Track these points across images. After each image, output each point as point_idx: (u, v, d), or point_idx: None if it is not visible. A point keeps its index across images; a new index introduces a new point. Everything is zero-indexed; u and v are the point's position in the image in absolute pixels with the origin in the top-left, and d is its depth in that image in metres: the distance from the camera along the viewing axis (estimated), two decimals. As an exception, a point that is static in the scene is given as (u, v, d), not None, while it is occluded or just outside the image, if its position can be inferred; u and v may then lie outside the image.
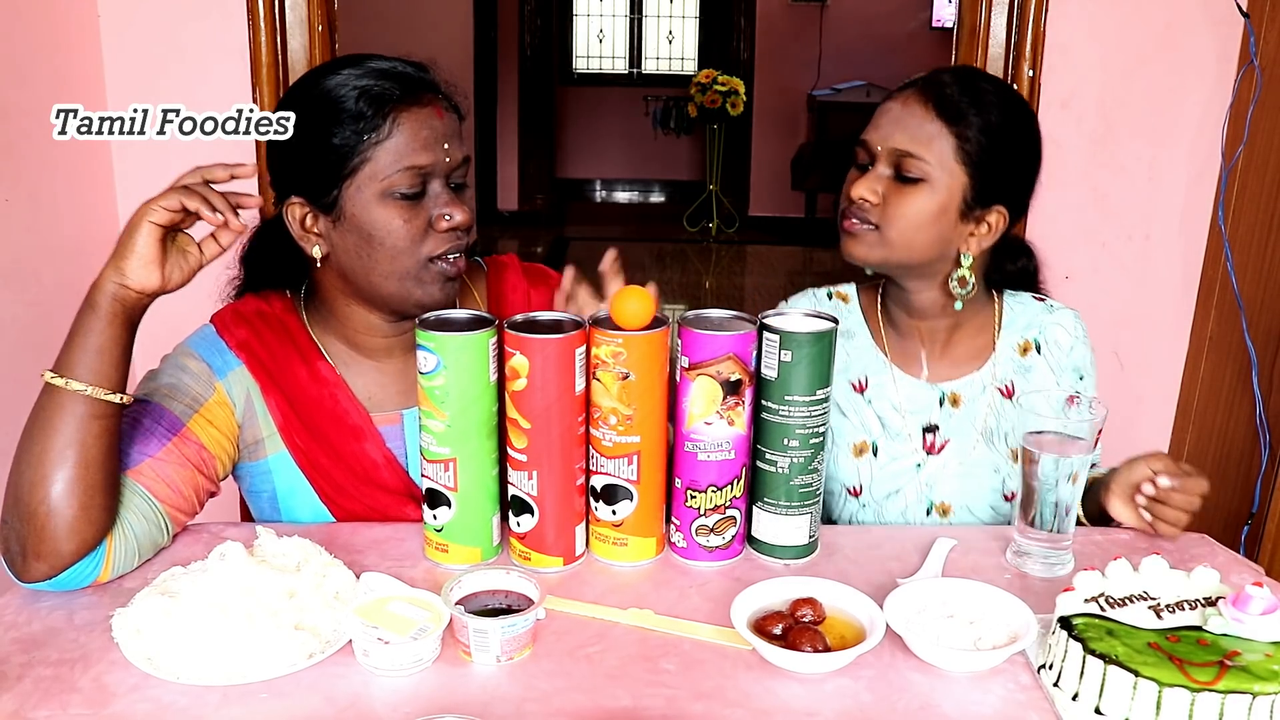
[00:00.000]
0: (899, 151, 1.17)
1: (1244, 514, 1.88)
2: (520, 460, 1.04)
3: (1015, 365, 1.30)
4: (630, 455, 1.04)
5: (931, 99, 1.17)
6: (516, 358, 1.00)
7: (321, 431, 1.16)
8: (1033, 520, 1.10)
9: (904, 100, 1.19)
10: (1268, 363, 1.84)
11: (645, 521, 1.07)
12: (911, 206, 1.18)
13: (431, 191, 1.09)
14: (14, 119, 1.66)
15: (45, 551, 0.96)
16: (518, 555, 1.08)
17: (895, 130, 1.18)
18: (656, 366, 1.02)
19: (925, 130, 1.17)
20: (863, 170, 1.21)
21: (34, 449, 0.97)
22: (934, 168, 1.17)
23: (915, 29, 6.68)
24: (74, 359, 0.99)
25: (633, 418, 1.02)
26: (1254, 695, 0.78)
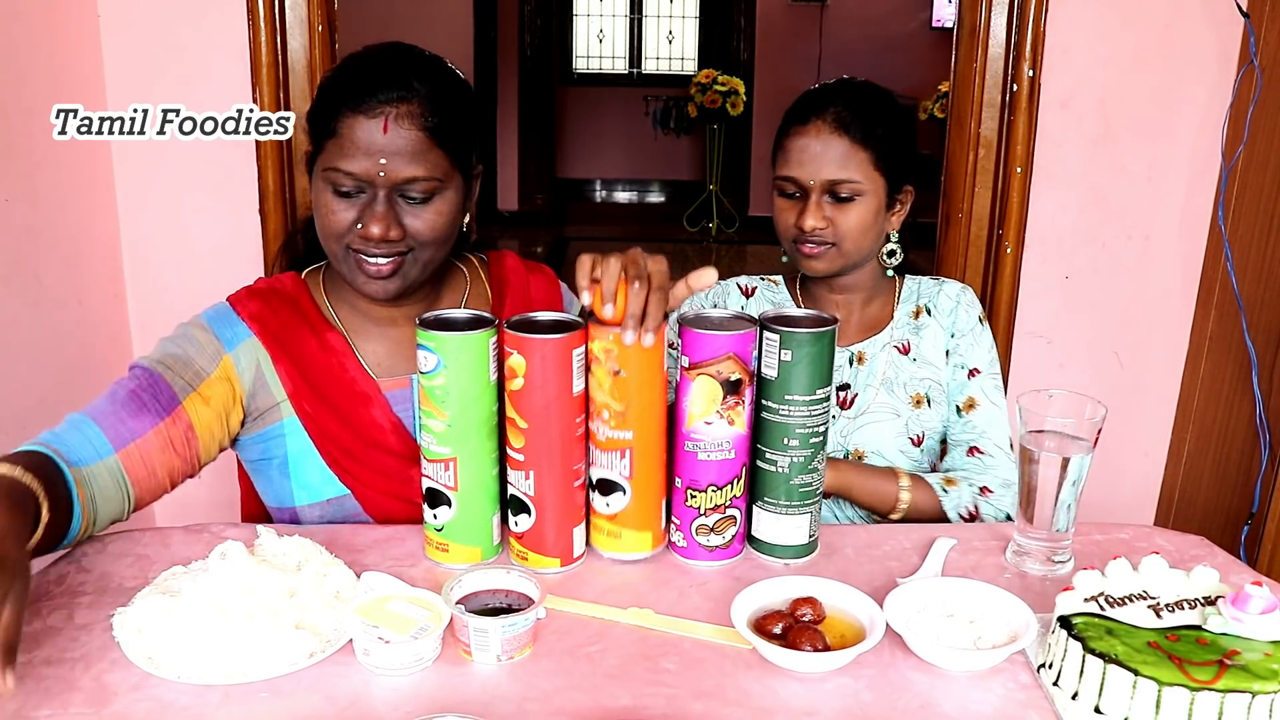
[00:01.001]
0: (832, 181, 1.34)
1: (1244, 514, 1.88)
2: (518, 460, 1.04)
3: (910, 327, 1.47)
4: (622, 450, 1.04)
5: (841, 126, 1.34)
6: (514, 357, 1.00)
7: (330, 398, 1.19)
8: (1033, 520, 1.10)
9: (816, 133, 1.34)
10: (1268, 363, 1.84)
11: (639, 515, 1.07)
12: (856, 219, 1.35)
13: (368, 195, 1.13)
14: (14, 119, 1.66)
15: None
16: (516, 555, 1.08)
17: (821, 164, 1.34)
18: (650, 364, 1.01)
19: (847, 157, 1.34)
20: (792, 199, 1.38)
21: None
22: (863, 183, 1.35)
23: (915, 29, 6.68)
24: None
25: (624, 414, 1.02)
26: (1253, 694, 0.78)
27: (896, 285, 1.50)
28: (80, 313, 1.87)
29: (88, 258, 1.89)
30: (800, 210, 1.35)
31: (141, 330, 2.01)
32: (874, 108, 1.36)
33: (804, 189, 1.35)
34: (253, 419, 1.20)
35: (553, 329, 1.02)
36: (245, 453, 1.23)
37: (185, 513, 2.08)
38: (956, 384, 1.43)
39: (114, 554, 1.08)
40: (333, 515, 1.20)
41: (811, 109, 1.36)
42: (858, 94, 1.37)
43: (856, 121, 1.34)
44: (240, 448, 1.23)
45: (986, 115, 1.98)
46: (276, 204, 1.94)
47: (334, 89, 1.14)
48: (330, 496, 1.20)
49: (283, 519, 1.23)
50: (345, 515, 1.20)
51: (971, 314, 1.46)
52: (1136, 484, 2.19)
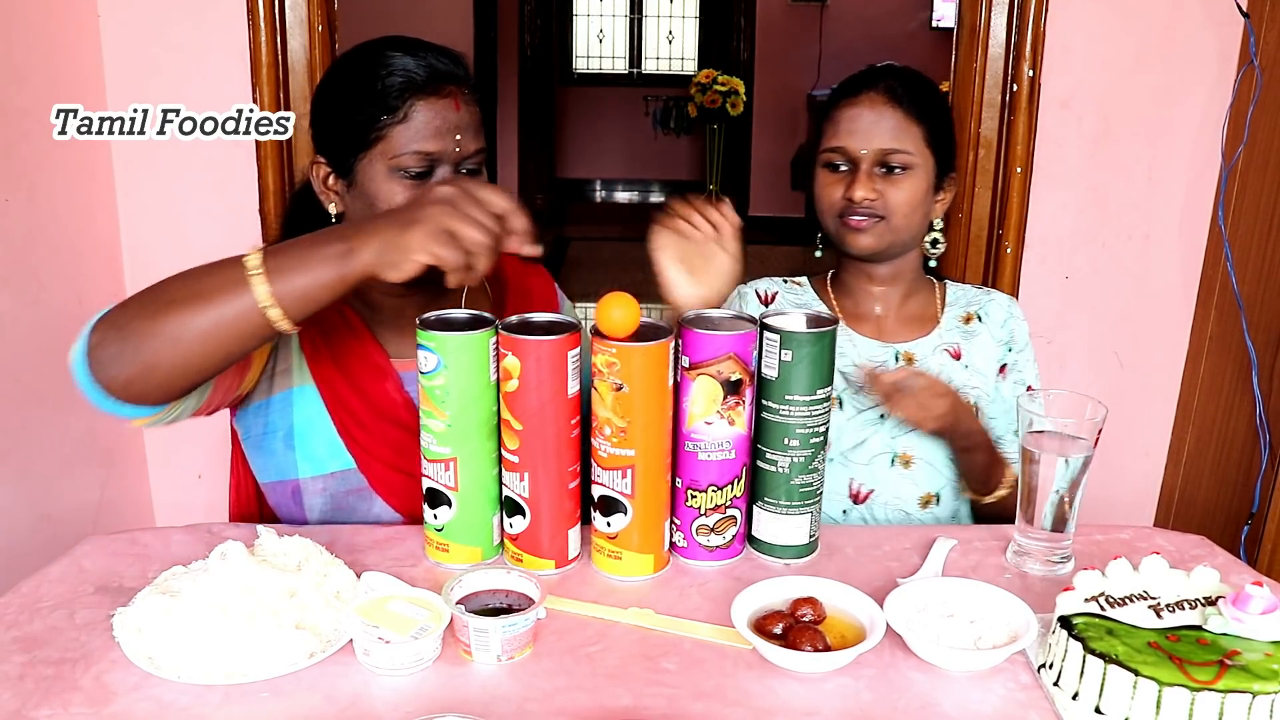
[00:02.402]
0: (885, 150, 1.32)
1: (1244, 514, 1.88)
2: (513, 461, 1.04)
3: (961, 332, 1.44)
4: (624, 469, 1.03)
5: (894, 98, 1.32)
6: (509, 359, 1.00)
7: (348, 368, 1.21)
8: (1033, 520, 1.10)
9: (869, 104, 1.33)
10: (1268, 363, 1.84)
11: (641, 536, 1.05)
12: (907, 193, 1.33)
13: (438, 175, 1.15)
14: (14, 119, 1.66)
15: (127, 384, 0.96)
16: (511, 557, 1.08)
17: (873, 134, 1.32)
18: (654, 380, 1.00)
19: (900, 128, 1.32)
20: (838, 172, 1.35)
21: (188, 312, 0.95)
22: (915, 156, 1.33)
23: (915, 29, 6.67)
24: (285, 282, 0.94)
25: (626, 430, 1.01)
26: (1254, 694, 0.78)
27: (936, 287, 1.48)
28: (80, 313, 1.86)
29: (88, 258, 1.89)
30: (849, 182, 1.32)
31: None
32: (925, 86, 1.36)
33: (853, 160, 1.32)
34: (266, 379, 1.21)
35: (548, 330, 1.02)
36: (249, 423, 1.23)
37: (185, 513, 2.09)
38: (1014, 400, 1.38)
39: (114, 554, 1.08)
40: (335, 489, 1.20)
41: (864, 82, 1.34)
42: (909, 73, 1.37)
43: (910, 95, 1.32)
44: (244, 418, 1.23)
45: (986, 115, 1.98)
46: (276, 204, 1.94)
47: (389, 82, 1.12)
48: (335, 470, 1.20)
49: (282, 495, 1.22)
50: (349, 489, 1.20)
51: (1024, 329, 1.44)
52: (1136, 484, 2.19)
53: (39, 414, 1.73)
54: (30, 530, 1.70)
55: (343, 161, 1.17)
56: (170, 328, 0.95)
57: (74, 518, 1.84)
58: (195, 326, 0.95)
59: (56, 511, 1.79)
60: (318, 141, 1.21)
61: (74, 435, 1.85)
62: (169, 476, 2.12)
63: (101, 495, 1.94)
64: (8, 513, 1.66)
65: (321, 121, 1.20)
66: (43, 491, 1.76)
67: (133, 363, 0.96)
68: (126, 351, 0.96)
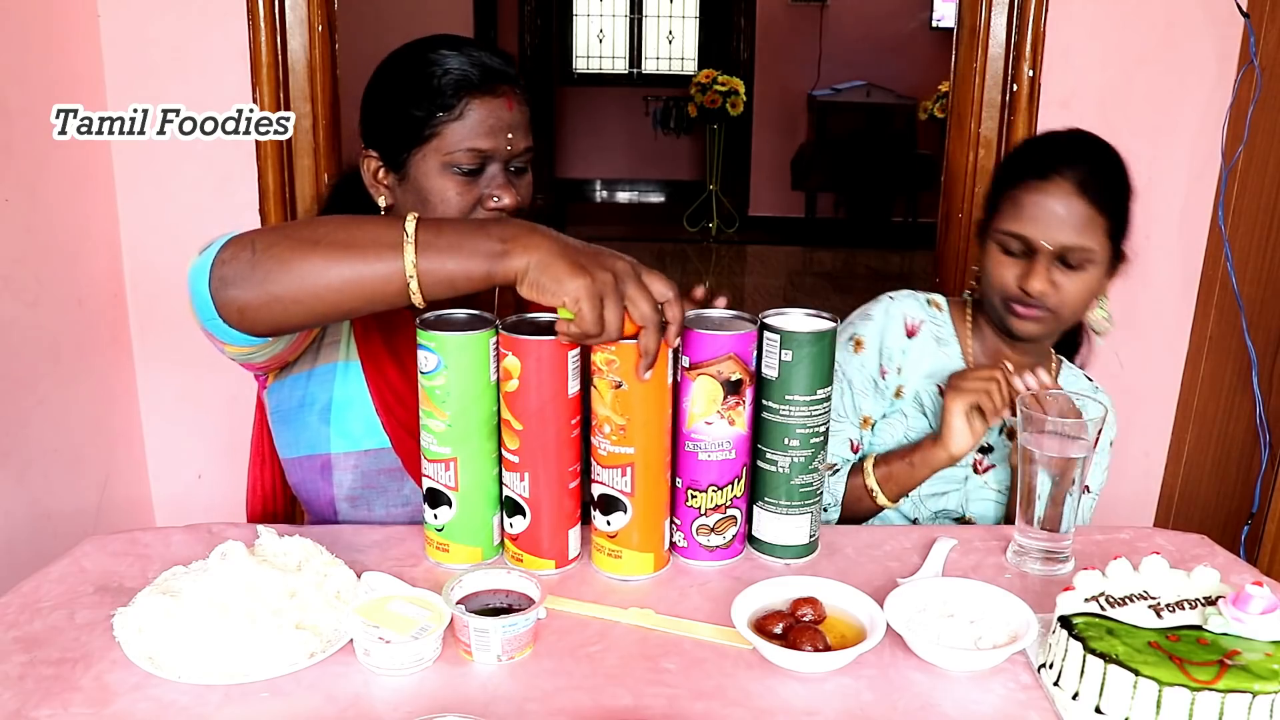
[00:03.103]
0: (1067, 247, 1.27)
1: (1244, 514, 1.88)
2: (513, 461, 1.04)
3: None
4: (624, 467, 1.02)
5: (1084, 189, 1.26)
6: (509, 359, 1.00)
7: (394, 346, 1.23)
8: (1032, 520, 1.10)
9: (1059, 193, 1.27)
10: (1268, 363, 1.84)
11: (641, 535, 1.05)
12: (1082, 288, 1.29)
13: (489, 172, 1.18)
14: (14, 119, 1.66)
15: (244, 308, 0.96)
16: (511, 557, 1.08)
17: (1061, 229, 1.26)
18: (653, 378, 0.99)
19: (1087, 222, 1.27)
20: (1012, 253, 1.30)
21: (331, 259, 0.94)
22: (1096, 251, 1.28)
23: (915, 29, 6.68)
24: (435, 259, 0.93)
25: (626, 429, 1.01)
26: (1254, 694, 0.78)
27: (1054, 362, 1.46)
28: (80, 313, 1.87)
29: (88, 258, 1.89)
30: (1024, 270, 1.28)
31: (141, 330, 2.01)
32: (1116, 170, 1.31)
33: (1032, 249, 1.28)
34: (312, 350, 1.22)
35: (548, 330, 1.02)
36: (284, 395, 1.23)
37: (185, 513, 2.09)
38: None
39: (114, 554, 1.08)
40: (367, 466, 1.21)
41: (1053, 163, 1.28)
42: (1100, 153, 1.32)
43: (1101, 185, 1.27)
44: (278, 390, 1.23)
45: (986, 115, 1.98)
46: (276, 204, 1.94)
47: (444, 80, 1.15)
48: (369, 448, 1.20)
49: (309, 471, 1.22)
50: (381, 468, 1.21)
51: (1109, 435, 1.42)
52: (1136, 484, 2.19)
53: (39, 414, 1.74)
54: (30, 530, 1.70)
55: (395, 156, 1.19)
56: (309, 266, 0.94)
57: (74, 518, 1.85)
58: (334, 272, 0.94)
59: (56, 511, 1.79)
60: (368, 135, 1.23)
61: (74, 435, 1.85)
62: (169, 476, 2.12)
63: (101, 495, 1.94)
64: (8, 513, 1.66)
65: (374, 116, 1.23)
66: (43, 491, 1.76)
67: (259, 289, 0.95)
68: (256, 276, 0.95)
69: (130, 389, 2.04)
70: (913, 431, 1.41)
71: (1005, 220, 1.30)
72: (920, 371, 1.41)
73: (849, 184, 6.74)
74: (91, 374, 1.91)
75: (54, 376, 1.78)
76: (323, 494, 1.22)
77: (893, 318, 1.42)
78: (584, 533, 1.10)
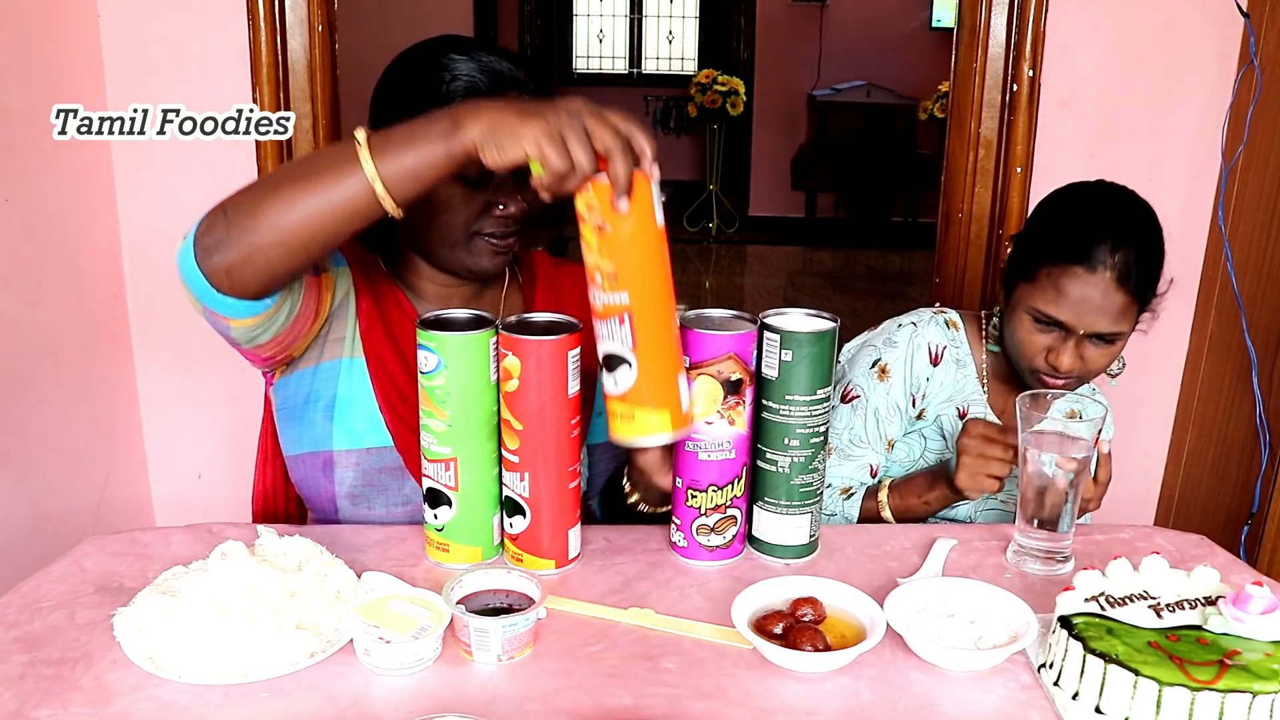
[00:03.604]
0: (1102, 333, 1.27)
1: (1244, 514, 1.88)
2: (513, 461, 1.04)
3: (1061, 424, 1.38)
4: (620, 316, 0.94)
5: (1128, 284, 1.25)
6: (509, 359, 1.00)
7: (398, 343, 1.23)
8: (1033, 520, 1.10)
9: (1100, 285, 1.25)
10: (1268, 363, 1.84)
11: (650, 391, 0.96)
12: (1108, 359, 1.31)
13: (495, 179, 1.17)
14: (14, 119, 1.66)
15: (230, 270, 0.97)
16: (511, 557, 1.08)
17: (1099, 318, 1.26)
18: (639, 215, 0.92)
19: (1123, 311, 1.27)
20: (1042, 325, 1.29)
21: (296, 192, 0.95)
22: (1127, 331, 1.29)
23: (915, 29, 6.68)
24: (392, 158, 0.93)
25: (616, 275, 0.93)
26: (1254, 694, 0.78)
27: None
28: (80, 313, 1.87)
29: (88, 258, 1.89)
30: (1055, 346, 1.29)
31: (141, 330, 2.01)
32: (1156, 250, 1.29)
33: (1065, 329, 1.28)
34: (318, 345, 1.21)
35: (548, 330, 1.02)
36: (290, 391, 1.23)
37: (185, 513, 2.09)
38: None
39: (114, 554, 1.08)
40: (369, 464, 1.21)
41: (1099, 253, 1.24)
42: (1143, 233, 1.28)
43: (1142, 274, 1.26)
44: (285, 386, 1.23)
45: (986, 115, 1.98)
46: (276, 204, 1.94)
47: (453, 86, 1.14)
48: (371, 445, 1.20)
49: (311, 468, 1.22)
50: (382, 466, 1.21)
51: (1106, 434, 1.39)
52: (1136, 484, 2.19)
53: (39, 414, 1.74)
54: (30, 530, 1.70)
55: None
56: (277, 206, 0.95)
57: (74, 518, 1.84)
58: (302, 204, 0.95)
59: (56, 511, 1.79)
60: None
61: (74, 435, 1.85)
62: (169, 476, 2.12)
63: (101, 495, 1.94)
64: (8, 513, 1.66)
65: (383, 120, 1.21)
66: (43, 491, 1.76)
67: (238, 245, 0.96)
68: (233, 234, 0.96)
69: (130, 389, 2.04)
70: (930, 453, 1.44)
71: (1042, 300, 1.28)
72: (941, 396, 1.43)
73: (849, 184, 6.74)
74: (91, 374, 1.91)
75: (54, 376, 1.78)
76: (324, 491, 1.22)
77: (918, 346, 1.42)
78: (584, 533, 1.10)
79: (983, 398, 1.44)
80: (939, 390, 1.43)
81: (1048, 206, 1.36)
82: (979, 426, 1.24)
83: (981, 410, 1.43)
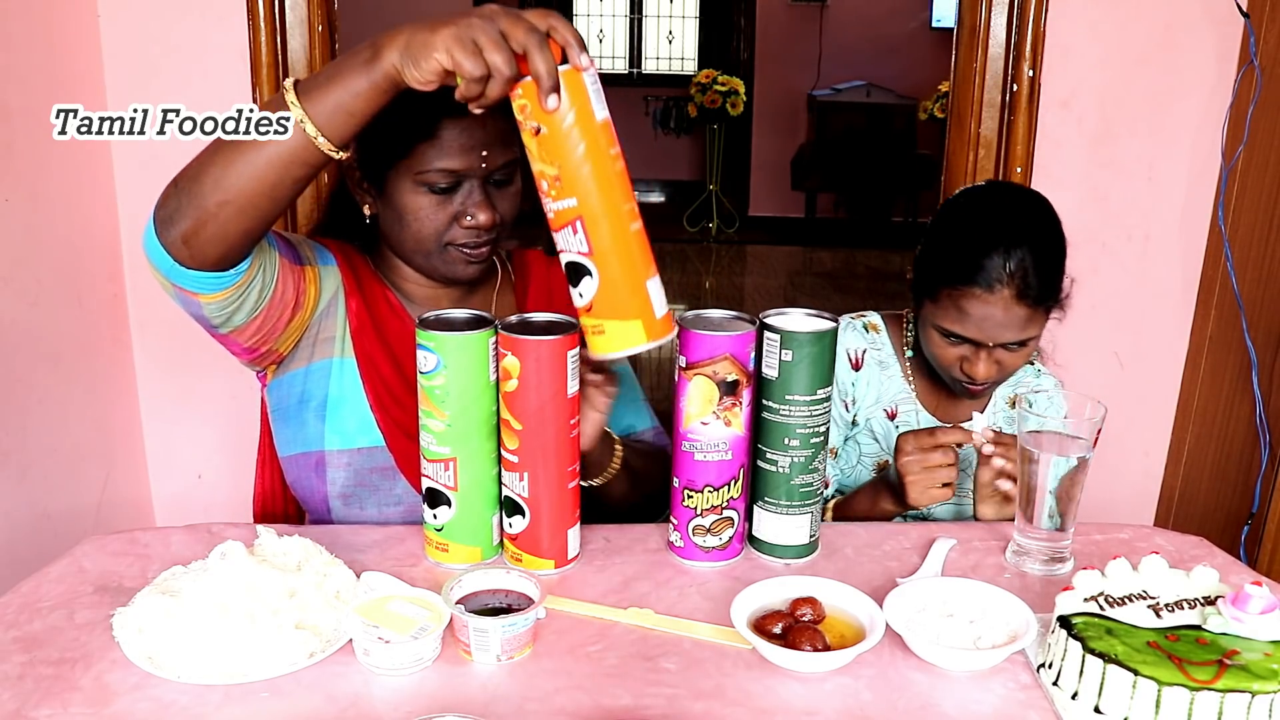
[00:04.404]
0: (1009, 343, 1.27)
1: (1244, 514, 1.88)
2: (513, 461, 1.04)
3: (1005, 415, 1.44)
4: (572, 224, 0.91)
5: (1028, 296, 1.24)
6: (508, 358, 1.00)
7: (388, 342, 1.23)
8: (1032, 520, 1.10)
9: (1001, 304, 1.24)
10: (1268, 363, 1.84)
11: (617, 302, 0.93)
12: (1023, 358, 1.31)
13: (464, 189, 1.18)
14: (14, 119, 1.66)
15: (185, 239, 1.00)
16: (510, 556, 1.08)
17: (1003, 331, 1.26)
18: (572, 115, 0.89)
19: (1028, 321, 1.26)
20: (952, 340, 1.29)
21: (236, 149, 0.96)
22: (1037, 334, 1.29)
23: (915, 29, 6.68)
24: (319, 97, 0.94)
25: (560, 179, 0.90)
26: (1253, 694, 0.78)
27: None
28: (80, 313, 1.87)
29: (88, 258, 1.89)
30: (969, 357, 1.28)
31: (141, 330, 2.01)
32: (1053, 256, 1.28)
33: (975, 343, 1.28)
34: (308, 345, 1.22)
35: (547, 330, 1.02)
36: (282, 392, 1.23)
37: (185, 513, 2.09)
38: None
39: (114, 553, 1.08)
40: (360, 464, 1.21)
41: (991, 269, 1.24)
42: (1036, 243, 1.26)
43: (1042, 283, 1.25)
44: (278, 387, 1.24)
45: (986, 115, 1.98)
46: (276, 204, 1.94)
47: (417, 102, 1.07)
48: (362, 445, 1.21)
49: (304, 468, 1.22)
50: (373, 466, 1.21)
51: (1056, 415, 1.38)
52: (1136, 484, 2.19)
53: (39, 414, 1.74)
54: (30, 530, 1.70)
55: (372, 169, 1.20)
56: (218, 166, 0.96)
57: (74, 518, 1.84)
58: (241, 160, 0.96)
59: (56, 511, 1.79)
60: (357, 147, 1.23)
61: (74, 435, 1.85)
62: (169, 476, 2.12)
63: (101, 495, 1.94)
64: (8, 513, 1.66)
65: None
66: (43, 491, 1.76)
67: (189, 213, 0.98)
68: (183, 203, 0.98)
69: (130, 389, 2.04)
70: (866, 458, 1.44)
71: (947, 320, 1.27)
72: (869, 399, 1.43)
73: (849, 184, 6.73)
74: (91, 374, 1.91)
75: (54, 376, 1.78)
76: (317, 491, 1.22)
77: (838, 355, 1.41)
78: (583, 533, 1.10)
79: (911, 395, 1.43)
80: (866, 393, 1.42)
81: (941, 221, 1.35)
82: (910, 441, 1.22)
83: (912, 408, 1.43)
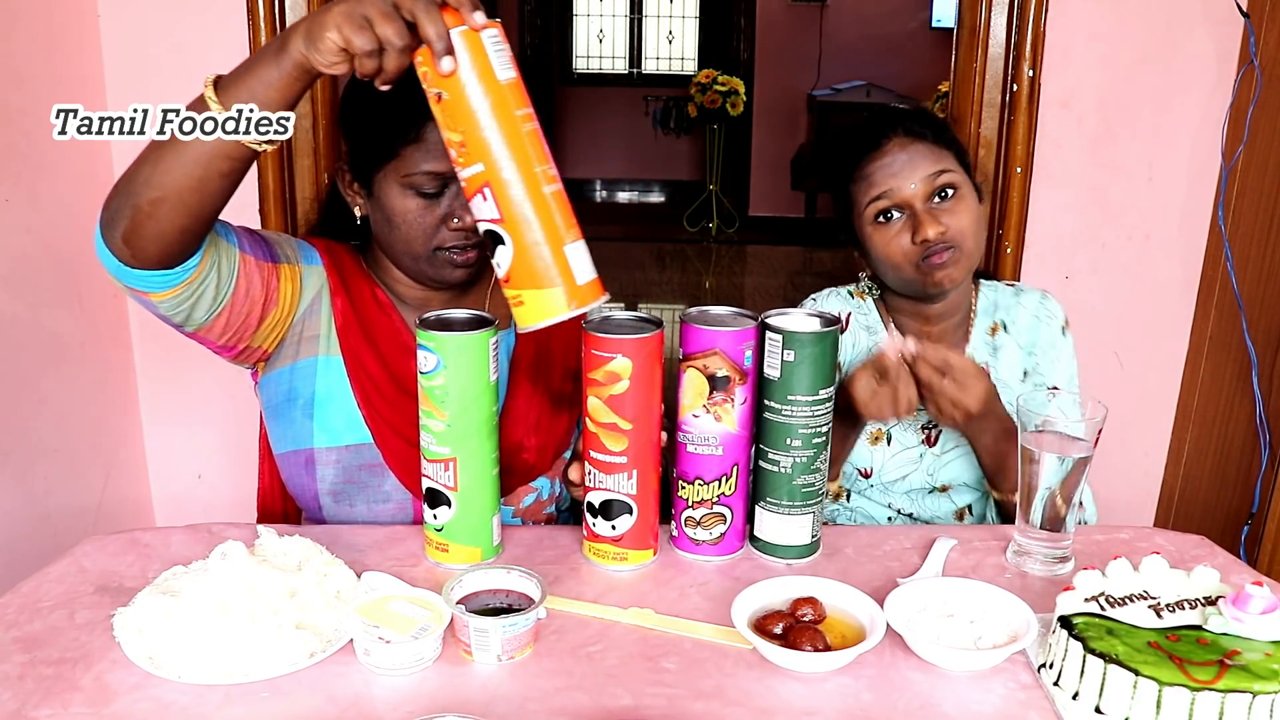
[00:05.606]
0: (930, 176, 1.28)
1: (1244, 514, 1.88)
2: (619, 464, 1.04)
3: (987, 347, 1.41)
4: (481, 189, 0.88)
5: (917, 135, 1.30)
6: (617, 361, 1.00)
7: (376, 341, 1.24)
8: (1032, 520, 1.10)
9: (898, 146, 1.30)
10: (1268, 363, 1.84)
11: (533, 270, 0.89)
12: (966, 216, 1.30)
13: (451, 191, 1.18)
14: (14, 119, 1.66)
15: (127, 239, 1.03)
16: (612, 558, 1.08)
17: (914, 169, 1.29)
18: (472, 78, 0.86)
19: (934, 155, 1.29)
20: (893, 220, 1.30)
21: (163, 147, 0.98)
22: (957, 174, 1.30)
23: (915, 29, 6.68)
24: (234, 89, 0.96)
25: (465, 144, 0.87)
26: (1254, 694, 0.78)
27: (972, 293, 1.43)
28: (80, 313, 1.87)
29: (88, 258, 1.88)
30: (912, 226, 1.28)
31: (141, 330, 2.01)
32: (931, 116, 1.35)
33: (904, 204, 1.29)
34: (292, 343, 1.22)
35: (639, 328, 1.03)
36: (271, 390, 1.24)
37: (185, 513, 2.09)
38: None
39: (114, 554, 1.08)
40: (349, 461, 1.21)
41: (880, 129, 1.31)
42: (914, 110, 1.35)
43: (927, 128, 1.31)
44: (267, 385, 1.24)
45: (986, 115, 1.98)
46: (276, 204, 1.94)
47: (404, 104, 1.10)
48: (350, 443, 1.21)
49: (295, 466, 1.23)
50: (362, 463, 1.21)
51: (1052, 326, 1.41)
52: (1136, 484, 2.19)
53: (39, 414, 1.73)
54: (30, 530, 1.70)
55: (362, 171, 1.21)
56: (147, 165, 0.99)
57: (74, 518, 1.84)
58: (169, 157, 0.98)
59: (56, 511, 1.79)
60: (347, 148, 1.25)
61: (74, 435, 1.85)
62: (169, 476, 2.12)
63: (101, 495, 1.94)
64: (8, 513, 1.66)
65: (345, 132, 1.25)
66: (43, 491, 1.76)
67: (126, 213, 1.01)
68: (121, 204, 1.01)
69: (130, 389, 2.04)
70: None
71: (867, 193, 1.31)
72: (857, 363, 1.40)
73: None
74: (91, 374, 1.91)
75: (55, 376, 1.78)
76: (308, 489, 1.22)
77: None
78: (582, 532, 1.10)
79: None
80: (852, 354, 1.41)
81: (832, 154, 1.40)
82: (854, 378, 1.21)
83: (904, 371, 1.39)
